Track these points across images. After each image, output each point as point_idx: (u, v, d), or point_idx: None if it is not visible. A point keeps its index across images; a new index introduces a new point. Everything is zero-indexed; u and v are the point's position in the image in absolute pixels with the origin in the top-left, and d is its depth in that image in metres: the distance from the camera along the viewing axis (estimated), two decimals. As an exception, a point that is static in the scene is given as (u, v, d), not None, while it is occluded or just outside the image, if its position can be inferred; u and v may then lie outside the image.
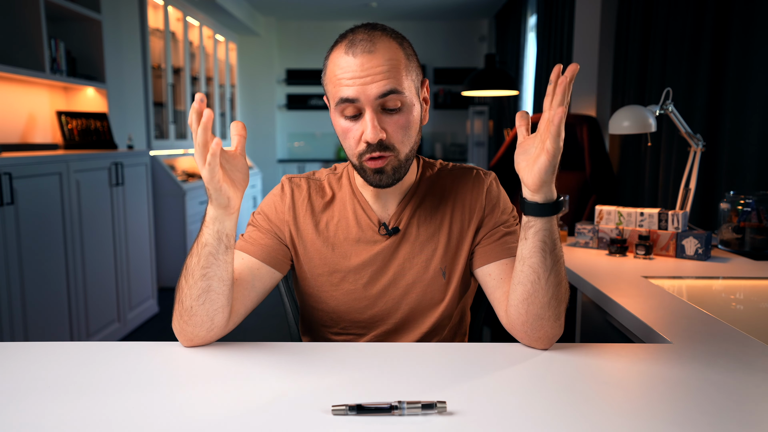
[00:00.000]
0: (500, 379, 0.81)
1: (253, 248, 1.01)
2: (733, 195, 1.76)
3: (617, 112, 1.91)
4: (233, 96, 6.62)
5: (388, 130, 0.93)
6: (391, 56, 0.92)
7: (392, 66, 0.91)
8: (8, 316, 2.23)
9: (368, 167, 0.95)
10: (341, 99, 0.92)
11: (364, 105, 0.91)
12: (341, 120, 0.95)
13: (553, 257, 0.87)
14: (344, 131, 0.95)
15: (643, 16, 2.85)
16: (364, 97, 0.90)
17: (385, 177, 0.96)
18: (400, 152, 0.95)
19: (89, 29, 3.44)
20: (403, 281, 1.03)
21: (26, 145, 3.08)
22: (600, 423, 0.68)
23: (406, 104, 0.93)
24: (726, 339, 1.00)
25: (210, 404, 0.73)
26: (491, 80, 3.78)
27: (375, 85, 0.90)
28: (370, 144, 0.92)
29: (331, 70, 0.94)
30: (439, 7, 6.47)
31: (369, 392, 0.76)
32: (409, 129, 0.95)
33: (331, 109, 0.96)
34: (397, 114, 0.93)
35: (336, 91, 0.93)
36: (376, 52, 0.91)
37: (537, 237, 0.86)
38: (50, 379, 0.80)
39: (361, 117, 0.93)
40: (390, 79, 0.90)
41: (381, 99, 0.91)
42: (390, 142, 0.93)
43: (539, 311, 0.88)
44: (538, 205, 0.85)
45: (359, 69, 0.90)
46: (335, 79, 0.93)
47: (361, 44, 0.91)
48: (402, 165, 0.96)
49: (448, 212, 1.05)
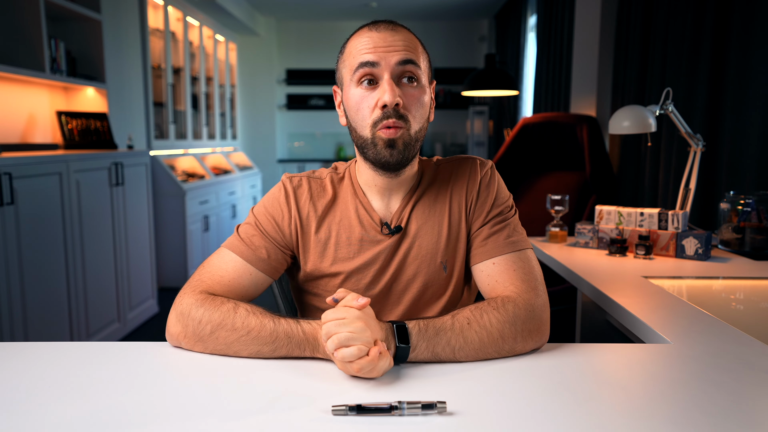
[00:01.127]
0: (500, 379, 0.81)
1: (253, 255, 1.00)
2: (733, 195, 1.76)
3: (617, 112, 1.91)
4: (233, 96, 6.62)
5: (405, 101, 0.94)
6: (411, 38, 0.97)
7: (413, 45, 0.97)
8: (8, 316, 2.23)
9: (381, 137, 0.94)
10: (361, 63, 0.94)
11: (383, 70, 0.93)
12: (357, 90, 0.96)
13: (447, 356, 0.86)
14: (360, 100, 0.95)
15: (643, 16, 2.85)
16: (384, 62, 0.93)
17: (396, 152, 0.95)
18: (412, 127, 0.96)
19: (89, 29, 3.43)
20: (404, 277, 1.03)
21: (26, 145, 3.08)
22: (600, 423, 0.68)
23: (422, 82, 0.97)
24: (726, 339, 1.00)
25: (210, 404, 0.73)
26: (491, 80, 3.78)
27: (396, 54, 0.94)
28: (386, 110, 0.93)
29: (352, 45, 0.97)
30: (439, 7, 6.47)
31: (369, 392, 0.76)
32: (422, 106, 0.97)
33: (346, 84, 0.98)
34: (412, 88, 0.95)
35: (355, 60, 0.95)
36: (398, 31, 0.96)
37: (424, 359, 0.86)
38: (50, 379, 0.80)
39: (378, 86, 0.95)
40: (410, 52, 0.95)
41: (400, 67, 0.94)
42: (405, 112, 0.94)
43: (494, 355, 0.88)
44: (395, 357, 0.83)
45: (382, 41, 0.94)
46: (355, 51, 0.96)
47: (384, 24, 0.97)
48: (411, 143, 0.96)
49: (446, 203, 1.04)
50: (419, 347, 0.84)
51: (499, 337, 0.87)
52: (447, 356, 0.86)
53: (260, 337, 0.87)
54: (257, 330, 0.87)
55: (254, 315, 0.88)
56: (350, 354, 0.77)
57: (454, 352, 0.86)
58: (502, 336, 0.88)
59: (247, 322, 0.87)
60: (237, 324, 0.87)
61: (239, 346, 0.87)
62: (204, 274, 0.98)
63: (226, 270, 0.98)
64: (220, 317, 0.88)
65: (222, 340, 0.88)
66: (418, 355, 0.85)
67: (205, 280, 0.97)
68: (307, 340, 0.86)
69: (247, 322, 0.87)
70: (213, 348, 0.89)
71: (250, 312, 0.89)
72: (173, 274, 4.30)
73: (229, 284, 0.97)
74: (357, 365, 0.77)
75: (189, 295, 0.93)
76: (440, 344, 0.85)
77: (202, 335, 0.89)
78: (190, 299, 0.92)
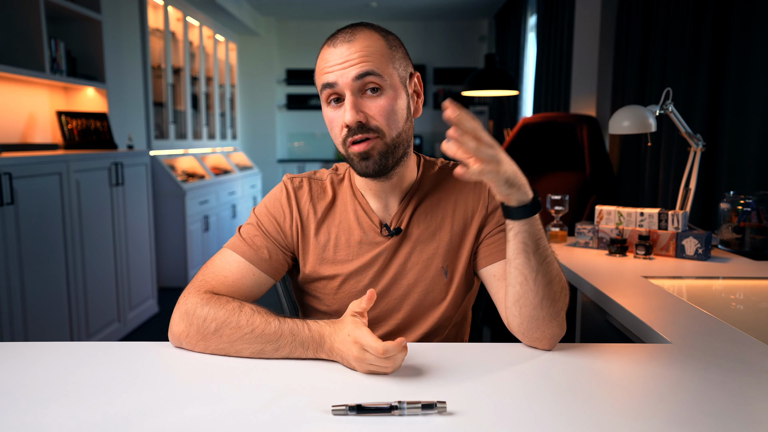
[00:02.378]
0: (500, 379, 0.81)
1: (255, 255, 1.00)
2: (733, 195, 1.76)
3: (617, 112, 1.91)
4: (233, 96, 6.62)
5: (370, 113, 0.94)
6: (369, 44, 0.94)
7: (370, 52, 0.93)
8: (8, 316, 2.23)
9: (353, 152, 0.95)
10: (323, 85, 0.94)
11: (343, 89, 0.93)
12: (328, 111, 0.97)
13: (538, 257, 0.87)
14: (330, 121, 0.97)
15: (643, 16, 2.85)
16: (342, 81, 0.92)
17: (372, 163, 0.95)
18: (386, 135, 0.95)
19: (89, 29, 3.43)
20: (404, 281, 1.03)
21: (26, 145, 3.08)
22: (600, 423, 0.68)
23: (387, 88, 0.94)
24: (726, 339, 1.00)
25: (210, 404, 0.73)
26: (491, 80, 3.77)
27: (352, 68, 0.92)
28: (351, 127, 0.93)
29: (318, 65, 0.97)
30: (439, 7, 6.47)
31: (369, 392, 0.76)
32: (394, 114, 0.95)
33: (321, 101, 0.98)
34: (378, 97, 0.94)
35: (319, 81, 0.95)
36: (354, 41, 0.94)
37: (517, 239, 0.87)
38: (50, 379, 0.80)
39: (343, 103, 0.94)
40: (367, 63, 0.92)
41: (358, 81, 0.92)
42: (373, 124, 0.94)
43: (532, 312, 0.89)
44: (511, 208, 0.86)
45: (338, 57, 0.93)
46: (319, 71, 0.96)
47: (341, 36, 0.95)
48: (390, 151, 0.95)
49: (449, 210, 1.04)
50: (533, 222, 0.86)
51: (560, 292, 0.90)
52: (539, 259, 0.87)
53: (264, 335, 0.87)
54: (262, 328, 0.87)
55: (259, 314, 0.89)
56: None
57: (548, 254, 0.88)
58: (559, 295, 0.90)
59: (252, 320, 0.88)
60: (242, 322, 0.88)
61: (242, 345, 0.87)
62: (208, 275, 0.98)
63: (230, 270, 0.98)
64: (225, 315, 0.88)
65: (225, 338, 0.88)
66: (534, 223, 0.86)
67: (209, 280, 0.97)
68: (313, 338, 0.86)
69: (252, 320, 0.88)
70: (215, 347, 0.89)
71: (255, 311, 0.89)
72: (173, 274, 4.30)
73: (233, 285, 0.97)
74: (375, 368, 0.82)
75: (193, 294, 0.93)
76: (542, 244, 0.88)
77: (205, 333, 0.89)
78: (194, 299, 0.92)
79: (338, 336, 0.84)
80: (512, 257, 0.89)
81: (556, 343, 0.92)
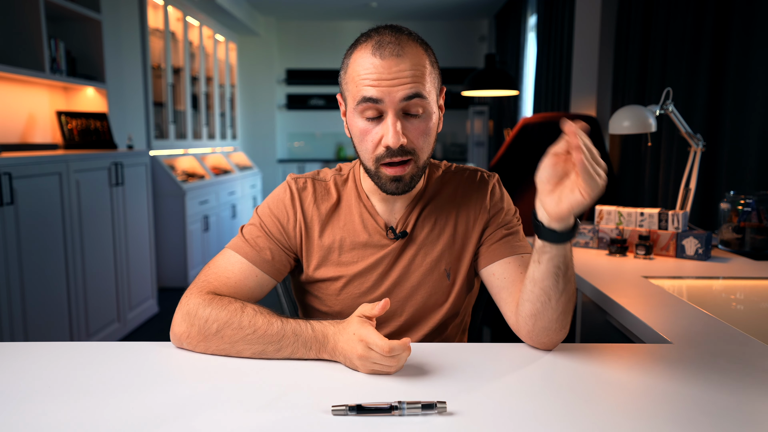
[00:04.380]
0: (500, 379, 0.81)
1: (257, 256, 0.99)
2: (733, 195, 1.76)
3: (617, 112, 1.91)
4: (233, 96, 6.62)
5: (410, 136, 0.91)
6: (418, 61, 0.90)
7: (419, 72, 0.90)
8: (8, 316, 2.23)
9: (385, 174, 0.93)
10: (364, 98, 0.90)
11: (388, 107, 0.89)
12: (360, 121, 0.92)
13: (566, 279, 0.86)
14: (363, 133, 0.93)
15: (643, 16, 2.85)
16: (388, 99, 0.89)
17: (402, 185, 0.94)
18: (420, 159, 0.94)
19: (89, 29, 3.43)
20: (407, 284, 1.03)
21: (26, 145, 3.08)
22: (600, 423, 0.68)
23: (428, 110, 0.92)
24: (726, 339, 1.00)
25: (210, 404, 0.73)
26: (491, 80, 3.78)
27: (401, 88, 0.88)
28: (390, 148, 0.90)
29: (354, 69, 0.92)
30: (439, 7, 6.47)
31: (369, 392, 0.76)
32: (429, 136, 0.94)
33: (349, 108, 0.94)
34: (418, 120, 0.92)
35: (358, 90, 0.90)
36: (404, 56, 0.89)
37: (552, 263, 0.85)
38: (50, 379, 0.80)
39: (382, 120, 0.91)
40: (416, 84, 0.89)
41: (405, 102, 0.89)
42: (411, 147, 0.92)
43: (547, 324, 0.89)
44: (555, 232, 0.83)
45: (386, 71, 0.88)
46: (358, 79, 0.90)
47: (389, 47, 0.89)
48: (419, 173, 0.96)
49: (453, 214, 1.04)
50: (568, 246, 0.86)
51: (573, 305, 0.91)
52: (566, 280, 0.87)
53: (266, 336, 0.87)
54: (264, 328, 0.87)
55: (261, 314, 0.89)
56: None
57: (573, 274, 0.88)
58: (572, 308, 0.91)
59: (254, 321, 0.88)
60: (244, 322, 0.88)
61: (243, 345, 0.87)
62: (210, 275, 0.97)
63: (232, 271, 0.98)
64: (227, 315, 0.88)
65: (227, 338, 0.88)
66: (569, 248, 0.86)
67: (212, 281, 0.96)
68: (316, 338, 0.86)
69: (254, 320, 0.88)
70: (216, 347, 0.89)
71: (258, 311, 0.89)
72: (173, 274, 4.30)
73: (236, 285, 0.97)
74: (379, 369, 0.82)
75: (196, 295, 0.93)
76: (571, 265, 0.87)
77: (207, 334, 0.88)
78: (197, 299, 0.92)
79: (342, 335, 0.84)
80: (539, 278, 0.87)
81: (559, 343, 0.93)
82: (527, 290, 0.89)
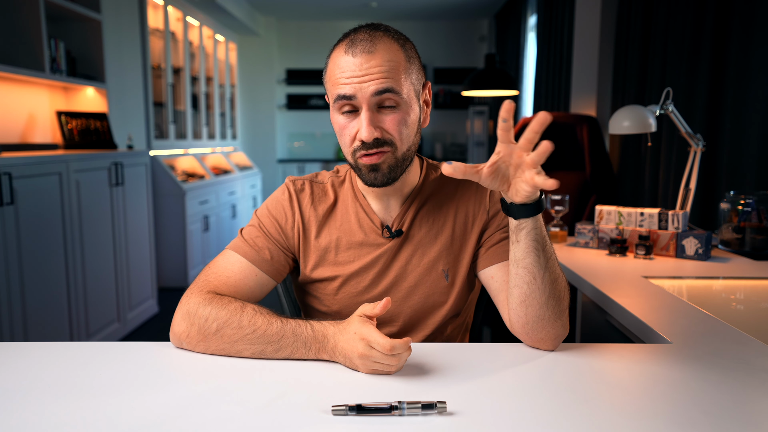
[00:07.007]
0: (500, 379, 0.81)
1: (257, 256, 1.00)
2: (733, 195, 1.76)
3: (617, 112, 1.91)
4: (233, 96, 6.62)
5: (385, 126, 0.93)
6: (390, 57, 0.92)
7: (391, 67, 0.92)
8: (8, 316, 2.23)
9: (363, 164, 0.95)
10: (338, 96, 0.93)
11: (361, 102, 0.92)
12: (339, 117, 0.96)
13: (546, 254, 0.88)
14: (341, 128, 0.96)
15: (643, 16, 2.85)
16: (360, 95, 0.91)
17: (380, 175, 0.95)
18: (398, 149, 0.95)
19: (89, 29, 3.43)
20: (405, 284, 1.03)
21: (26, 145, 3.08)
22: (600, 423, 0.68)
23: (403, 104, 0.94)
24: (726, 339, 1.00)
25: (210, 404, 0.73)
26: (491, 80, 3.77)
27: (372, 83, 0.91)
28: (365, 142, 0.93)
29: (331, 69, 0.95)
30: (439, 7, 6.47)
31: (369, 392, 0.76)
32: (407, 127, 0.95)
33: (330, 105, 0.97)
34: (393, 112, 0.93)
35: (334, 89, 0.94)
36: (375, 52, 0.91)
37: (529, 237, 0.87)
38: (50, 379, 0.80)
39: (358, 114, 0.93)
40: (387, 79, 0.91)
41: (377, 97, 0.91)
42: (387, 137, 0.94)
43: (538, 311, 0.89)
44: (525, 206, 0.85)
45: (357, 68, 0.91)
46: (334, 78, 0.94)
47: (361, 44, 0.92)
48: (399, 164, 0.96)
49: (451, 214, 1.05)
50: (540, 218, 0.87)
51: (563, 290, 0.91)
52: (546, 256, 0.88)
53: (266, 336, 0.87)
54: (264, 328, 0.87)
55: (261, 314, 0.89)
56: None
57: (553, 251, 0.90)
58: (563, 293, 0.91)
59: (254, 321, 0.88)
60: (244, 322, 0.88)
61: (243, 345, 0.87)
62: (210, 275, 0.98)
63: (233, 271, 0.98)
64: (227, 315, 0.89)
65: (227, 338, 0.88)
66: (541, 221, 0.87)
67: (212, 281, 0.97)
68: (315, 338, 0.86)
69: (254, 320, 0.88)
70: (216, 347, 0.89)
71: (257, 311, 0.89)
72: (173, 274, 4.30)
73: (236, 285, 0.97)
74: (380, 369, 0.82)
75: (196, 295, 0.93)
76: (548, 241, 0.89)
77: (207, 333, 0.89)
78: (197, 299, 0.92)
79: (343, 335, 0.84)
80: (521, 257, 0.88)
81: (560, 343, 0.93)
82: (513, 275, 0.91)
